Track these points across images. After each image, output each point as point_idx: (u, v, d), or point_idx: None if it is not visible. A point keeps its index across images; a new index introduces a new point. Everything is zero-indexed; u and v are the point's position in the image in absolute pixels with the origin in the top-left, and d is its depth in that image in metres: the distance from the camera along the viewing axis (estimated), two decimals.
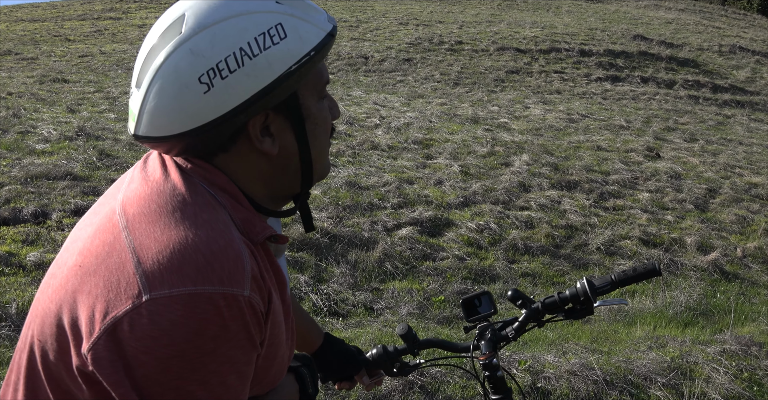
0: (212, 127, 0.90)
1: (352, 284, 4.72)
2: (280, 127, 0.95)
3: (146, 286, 0.80)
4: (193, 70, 0.87)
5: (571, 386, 3.28)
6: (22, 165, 6.27)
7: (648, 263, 1.48)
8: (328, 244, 5.15)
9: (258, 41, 0.88)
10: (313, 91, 0.97)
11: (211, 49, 0.87)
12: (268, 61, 0.89)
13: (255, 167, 0.96)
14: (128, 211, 0.90)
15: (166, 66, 0.89)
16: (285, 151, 0.97)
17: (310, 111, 0.97)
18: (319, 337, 1.51)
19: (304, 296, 4.45)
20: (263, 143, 0.94)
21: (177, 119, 0.90)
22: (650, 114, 12.03)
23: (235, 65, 0.87)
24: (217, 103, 0.88)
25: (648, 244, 5.93)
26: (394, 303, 4.53)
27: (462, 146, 8.40)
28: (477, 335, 1.53)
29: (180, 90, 0.88)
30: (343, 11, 22.29)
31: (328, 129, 1.02)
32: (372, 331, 4.02)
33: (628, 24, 22.50)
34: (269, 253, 0.96)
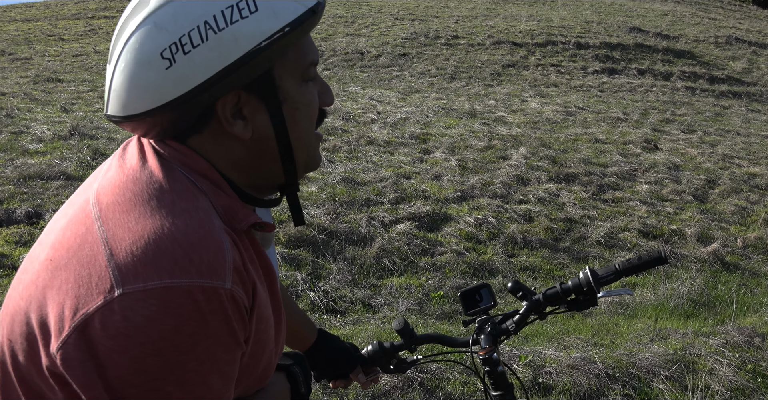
0: (177, 106, 0.84)
1: (350, 281, 4.67)
2: (253, 110, 0.88)
3: (119, 280, 0.75)
4: (156, 44, 0.82)
5: (572, 380, 3.24)
6: (15, 165, 6.21)
7: (653, 251, 1.43)
8: (325, 240, 5.10)
9: (225, 15, 0.82)
10: (293, 72, 0.90)
11: (174, 23, 0.82)
12: (235, 37, 0.82)
13: (230, 152, 0.90)
14: (102, 200, 0.84)
15: (132, 41, 0.84)
16: (259, 136, 0.90)
17: (289, 94, 0.90)
18: (312, 333, 1.46)
19: (302, 294, 4.40)
20: (234, 126, 0.88)
21: (141, 97, 0.84)
22: (647, 106, 11.98)
23: (199, 40, 0.82)
24: (179, 80, 0.82)
25: (648, 236, 5.89)
26: (392, 299, 4.49)
27: (459, 140, 8.35)
28: (476, 328, 1.47)
29: (143, 66, 0.83)
30: (338, 7, 22.20)
31: (312, 115, 0.94)
32: (370, 328, 3.97)
33: (624, 16, 22.43)
34: (255, 242, 0.91)
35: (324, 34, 17.44)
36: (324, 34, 17.54)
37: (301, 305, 4.29)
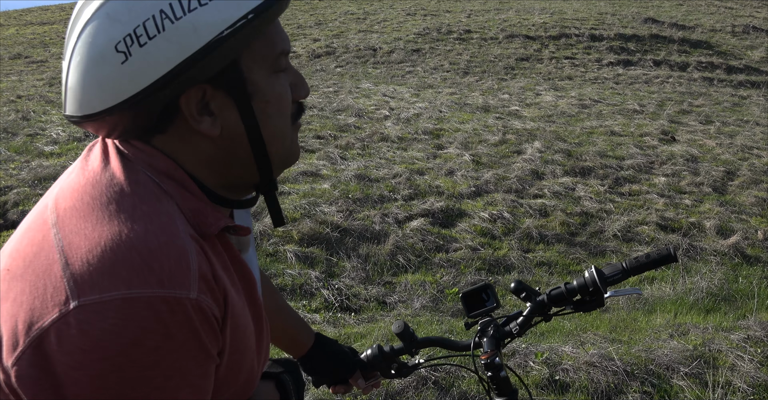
0: (136, 104, 0.78)
1: (364, 278, 4.64)
2: (221, 105, 0.82)
3: (74, 291, 0.69)
4: (109, 37, 0.76)
5: (590, 377, 3.19)
6: (30, 167, 6.25)
7: (662, 249, 1.37)
8: (339, 238, 5.07)
9: (182, 2, 0.76)
10: (262, 63, 0.84)
11: (128, 13, 0.76)
12: (194, 26, 0.76)
13: (198, 151, 0.84)
14: (60, 205, 0.79)
15: (85, 34, 0.78)
16: (229, 133, 0.84)
17: (259, 86, 0.84)
18: (309, 338, 1.40)
19: (315, 292, 4.38)
20: (201, 123, 0.82)
21: (97, 95, 0.78)
22: (664, 97, 11.83)
23: (155, 30, 0.75)
24: (136, 75, 0.76)
25: (666, 229, 5.80)
26: (407, 297, 4.45)
27: (473, 135, 8.28)
28: (478, 331, 1.42)
29: (97, 61, 0.77)
30: (350, 3, 22.15)
31: (285, 108, 0.88)
32: (385, 326, 3.94)
33: (638, 7, 22.16)
34: (229, 247, 0.85)
35: (336, 31, 17.41)
36: (336, 31, 17.51)
37: (315, 304, 4.27)
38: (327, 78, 12.84)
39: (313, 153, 7.23)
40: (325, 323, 4.04)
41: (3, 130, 7.71)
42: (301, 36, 16.98)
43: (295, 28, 17.87)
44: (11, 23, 21.42)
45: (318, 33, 17.28)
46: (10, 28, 20.15)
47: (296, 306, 4.20)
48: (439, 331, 3.86)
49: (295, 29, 17.77)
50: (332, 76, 13.08)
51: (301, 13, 20.23)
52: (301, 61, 14.55)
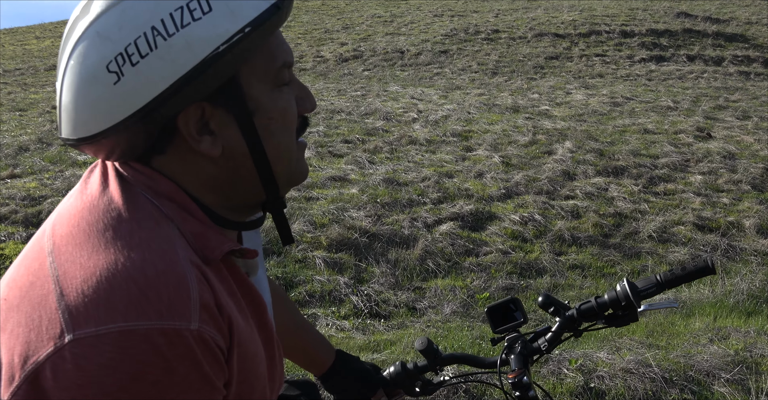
0: (132, 125, 0.75)
1: (393, 284, 4.60)
2: (221, 123, 0.78)
3: (69, 324, 0.67)
4: (100, 56, 0.73)
5: (626, 385, 3.10)
6: (64, 177, 6.35)
7: (699, 260, 1.30)
8: (368, 243, 5.04)
9: (174, 17, 0.72)
10: (263, 78, 0.80)
11: (119, 31, 0.72)
12: (187, 42, 0.72)
13: (200, 171, 0.80)
14: (57, 232, 0.76)
15: (76, 54, 0.74)
16: (232, 152, 0.80)
17: (260, 102, 0.80)
18: (329, 355, 1.36)
19: (344, 298, 4.35)
20: (201, 143, 0.78)
21: (91, 117, 0.75)
22: (699, 93, 11.56)
23: (147, 48, 0.72)
24: (130, 96, 0.73)
25: (703, 229, 5.64)
26: (437, 302, 4.40)
27: (502, 136, 8.19)
28: (505, 347, 1.36)
29: (88, 82, 0.74)
30: (377, 7, 22.17)
31: (290, 123, 0.84)
32: (415, 332, 3.90)
33: (670, 1, 21.75)
34: (236, 271, 0.81)
35: (363, 35, 17.42)
36: (363, 34, 17.52)
37: (344, 310, 4.24)
38: (354, 82, 12.84)
39: (341, 158, 7.22)
40: (354, 329, 4.01)
41: (38, 141, 7.86)
42: (329, 40, 17.03)
43: (323, 33, 17.93)
44: (47, 35, 21.91)
45: (345, 37, 17.32)
46: (46, 41, 20.61)
47: (325, 313, 4.18)
48: (470, 337, 3.79)
49: (322, 34, 17.84)
50: (360, 80, 13.08)
51: (328, 18, 20.31)
52: (329, 66, 14.58)
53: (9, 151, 7.42)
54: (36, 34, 22.46)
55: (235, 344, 0.75)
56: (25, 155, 7.31)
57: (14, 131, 8.61)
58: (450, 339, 3.78)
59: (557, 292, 4.61)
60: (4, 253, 4.76)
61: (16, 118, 9.60)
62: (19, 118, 9.55)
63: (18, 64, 16.33)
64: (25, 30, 24.50)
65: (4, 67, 15.73)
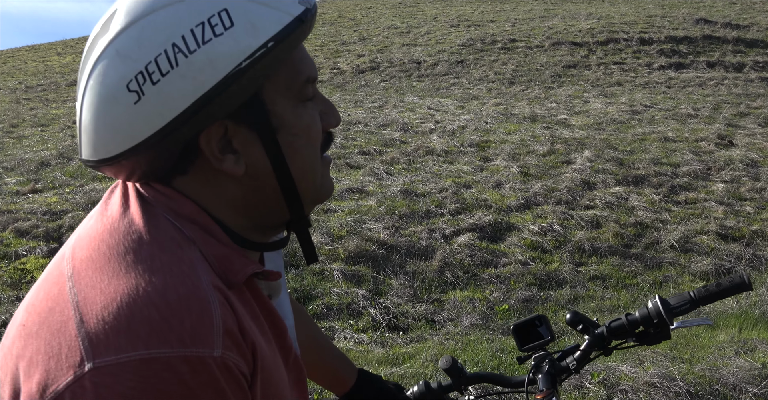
0: (153, 146, 0.73)
1: (412, 296, 4.57)
2: (245, 141, 0.76)
3: (89, 351, 0.65)
4: (120, 76, 0.71)
5: (650, 399, 3.03)
6: (84, 191, 6.41)
7: (734, 276, 1.26)
8: (385, 255, 5.01)
9: (195, 34, 0.70)
10: (286, 93, 0.78)
11: (138, 49, 0.71)
12: (209, 58, 0.70)
13: (223, 191, 0.78)
14: (76, 255, 0.74)
15: (95, 73, 0.73)
16: (255, 171, 0.78)
17: (284, 119, 0.78)
18: (351, 375, 1.33)
19: (363, 311, 4.33)
20: (223, 162, 0.76)
21: (111, 138, 0.73)
22: (719, 100, 11.42)
23: (168, 66, 0.70)
24: (151, 116, 0.71)
25: (726, 238, 5.55)
26: (455, 314, 4.36)
27: (520, 146, 8.14)
28: (533, 366, 1.32)
29: (108, 102, 0.72)
30: (393, 18, 22.25)
31: (315, 140, 0.82)
32: (434, 345, 3.86)
33: (689, 8, 21.59)
34: (258, 294, 0.79)
35: (380, 46, 17.48)
36: (380, 45, 17.58)
37: (362, 323, 4.21)
38: (371, 93, 12.87)
39: (359, 169, 7.22)
40: (373, 342, 3.98)
41: (59, 155, 7.96)
42: (345, 52, 17.11)
43: (339, 45, 18.02)
44: (68, 52, 22.25)
45: (362, 48, 17.39)
46: (67, 57, 20.93)
47: (343, 326, 4.16)
48: (490, 350, 3.75)
49: (339, 46, 17.93)
50: (377, 91, 13.11)
51: (344, 30, 20.41)
52: (346, 78, 14.64)
53: (31, 166, 7.51)
54: (57, 51, 22.84)
55: (259, 369, 0.73)
56: (46, 170, 7.40)
57: (36, 146, 8.73)
58: (469, 352, 3.73)
59: (578, 304, 4.55)
60: (25, 267, 4.80)
61: (37, 133, 9.74)
62: (41, 134, 9.69)
63: (40, 80, 16.59)
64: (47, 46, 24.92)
65: (27, 84, 15.99)
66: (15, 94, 14.61)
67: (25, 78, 17.12)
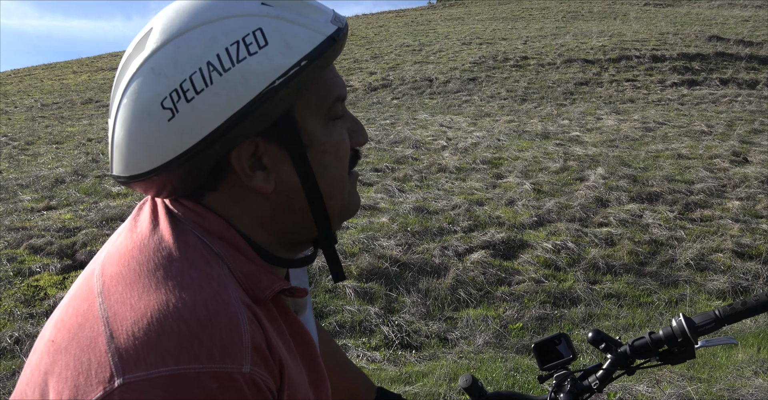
0: (185, 162, 0.74)
1: (425, 314, 4.54)
2: (275, 159, 0.77)
3: (119, 367, 0.65)
4: (155, 93, 0.72)
5: None
6: (98, 208, 6.45)
7: (761, 295, 1.24)
8: (398, 272, 4.99)
9: (230, 52, 0.72)
10: (316, 111, 0.79)
11: (173, 67, 0.72)
12: (243, 77, 0.71)
13: (252, 208, 0.79)
14: (107, 272, 0.74)
15: (130, 91, 0.74)
16: (284, 188, 0.79)
17: (314, 136, 0.79)
18: (370, 392, 1.31)
19: (375, 328, 4.30)
20: (253, 179, 0.77)
21: (144, 154, 0.74)
22: (733, 117, 11.37)
23: (202, 84, 0.71)
24: (184, 133, 0.72)
25: (743, 256, 5.48)
26: (469, 332, 4.32)
27: (533, 163, 8.12)
28: (554, 386, 1.30)
29: (142, 119, 0.73)
30: (405, 36, 22.40)
31: (343, 158, 0.83)
32: (447, 364, 3.83)
33: (701, 25, 21.60)
34: (285, 310, 0.80)
35: (392, 64, 17.58)
36: (392, 63, 17.68)
37: (375, 341, 4.19)
38: (384, 110, 12.92)
39: (371, 186, 7.22)
40: (386, 361, 3.95)
41: (74, 173, 8.02)
42: (358, 70, 17.22)
43: (352, 63, 18.14)
44: (83, 70, 22.55)
45: (374, 66, 17.49)
46: (83, 75, 21.20)
47: (356, 344, 4.13)
48: (504, 369, 3.71)
49: (351, 63, 18.05)
50: (389, 109, 13.16)
51: (357, 48, 20.56)
52: (358, 95, 14.72)
53: (46, 183, 7.58)
54: (73, 69, 23.15)
55: (286, 385, 0.73)
56: (60, 187, 7.46)
57: (51, 164, 8.81)
58: (483, 371, 3.70)
59: (592, 322, 4.50)
60: (39, 284, 4.82)
61: (52, 150, 9.84)
62: (56, 151, 9.78)
63: (56, 98, 16.80)
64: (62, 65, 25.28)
65: (43, 102, 16.20)
66: (31, 111, 14.79)
67: (41, 96, 17.35)
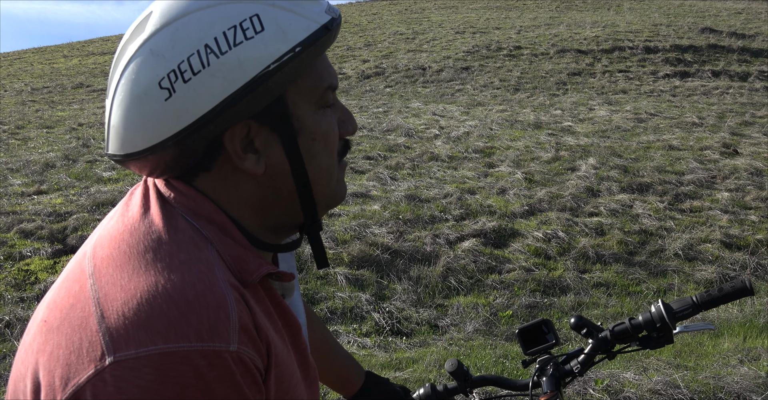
0: (180, 141, 0.76)
1: (415, 301, 4.57)
2: (266, 142, 0.79)
3: (110, 346, 0.67)
4: (153, 73, 0.75)
5: None
6: (89, 193, 6.43)
7: (736, 281, 1.27)
8: (389, 260, 5.01)
9: (227, 36, 0.74)
10: (308, 98, 0.81)
11: (172, 48, 0.74)
12: (239, 60, 0.74)
13: (242, 190, 0.81)
14: (98, 254, 0.76)
15: (128, 71, 0.76)
16: (274, 171, 0.81)
17: (305, 123, 0.81)
18: (359, 377, 1.35)
19: (366, 315, 4.33)
20: (245, 161, 0.79)
21: (140, 133, 0.77)
22: (724, 109, 11.43)
23: (199, 66, 0.73)
24: (180, 112, 0.74)
25: (731, 247, 5.54)
26: (459, 320, 4.35)
27: (525, 153, 8.15)
28: (537, 370, 1.34)
29: (140, 98, 0.75)
30: (399, 24, 22.31)
31: (331, 145, 0.85)
32: (437, 350, 3.86)
33: (694, 17, 21.63)
34: (272, 293, 0.81)
35: (385, 52, 17.53)
36: (385, 51, 17.63)
37: (366, 328, 4.21)
38: (376, 98, 12.90)
39: (363, 174, 7.23)
40: (376, 347, 3.98)
41: (64, 157, 7.98)
42: (351, 58, 17.15)
43: (345, 50, 18.07)
44: (74, 54, 22.36)
45: (367, 54, 17.44)
46: (74, 59, 21.02)
47: (347, 330, 4.16)
48: (493, 356, 3.74)
49: (344, 51, 17.98)
50: (382, 97, 13.14)
51: (350, 35, 20.48)
52: (351, 83, 14.67)
53: (36, 167, 7.54)
54: (64, 53, 22.94)
55: (273, 365, 0.75)
56: (51, 172, 7.42)
57: (41, 148, 8.76)
58: (473, 358, 3.73)
59: (581, 310, 4.54)
60: (29, 268, 4.81)
61: (43, 135, 9.78)
62: (47, 136, 9.72)
63: (46, 82, 16.66)
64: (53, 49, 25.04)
65: (33, 86, 16.06)
66: (21, 96, 14.67)
67: (31, 80, 17.20)
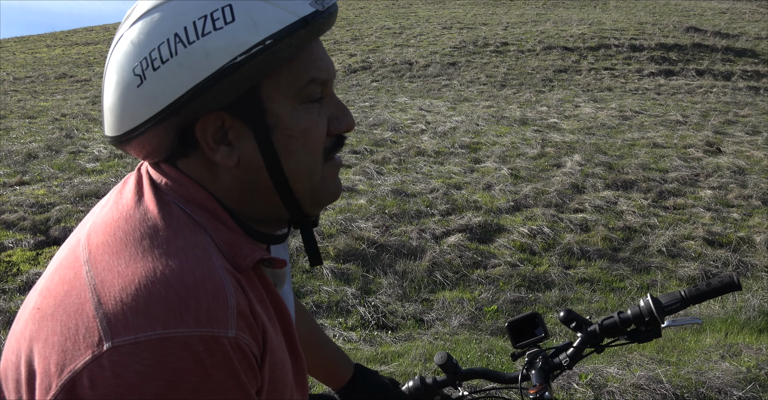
0: (150, 129, 0.77)
1: (401, 295, 4.57)
2: (239, 135, 0.79)
3: (107, 331, 0.66)
4: (129, 61, 0.77)
5: None
6: (72, 184, 6.36)
7: (724, 276, 1.28)
8: (375, 254, 5.01)
9: (197, 26, 0.74)
10: (286, 93, 0.78)
11: (146, 36, 0.76)
12: (206, 51, 0.73)
13: (222, 180, 0.81)
14: (92, 241, 0.76)
15: (112, 60, 0.79)
16: (248, 166, 0.80)
17: (280, 118, 0.78)
18: (348, 369, 1.35)
19: (352, 309, 4.33)
20: (216, 152, 0.79)
21: (119, 118, 0.79)
22: (708, 107, 11.53)
23: (168, 54, 0.74)
24: (149, 99, 0.75)
25: (713, 244, 5.60)
26: (444, 314, 4.36)
27: (511, 149, 8.17)
28: (526, 363, 1.34)
29: (119, 84, 0.78)
30: (386, 18, 22.26)
31: (313, 143, 0.82)
32: (422, 344, 3.86)
33: (679, 16, 21.79)
34: (265, 281, 0.81)
35: (372, 46, 17.49)
36: (372, 46, 17.59)
37: (351, 321, 4.21)
38: (363, 93, 12.87)
39: (350, 168, 7.21)
40: (362, 341, 3.98)
41: (47, 148, 7.89)
42: (338, 51, 17.09)
43: (332, 44, 18.01)
44: (57, 44, 22.08)
45: (354, 48, 17.39)
46: (57, 49, 20.76)
47: (332, 324, 4.15)
48: (478, 350, 3.76)
49: (331, 45, 17.91)
50: (368, 91, 13.11)
51: (337, 29, 20.40)
52: (338, 77, 14.63)
53: (18, 158, 7.45)
54: (47, 43, 22.65)
55: (268, 351, 0.75)
56: (33, 162, 7.34)
57: (24, 138, 8.65)
58: (458, 352, 3.74)
59: (566, 306, 4.57)
60: (11, 260, 4.76)
61: (25, 125, 9.65)
62: (29, 126, 9.60)
63: (28, 72, 16.45)
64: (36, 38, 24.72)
65: (15, 75, 15.85)
66: (2, 85, 14.47)
67: (13, 69, 16.96)
